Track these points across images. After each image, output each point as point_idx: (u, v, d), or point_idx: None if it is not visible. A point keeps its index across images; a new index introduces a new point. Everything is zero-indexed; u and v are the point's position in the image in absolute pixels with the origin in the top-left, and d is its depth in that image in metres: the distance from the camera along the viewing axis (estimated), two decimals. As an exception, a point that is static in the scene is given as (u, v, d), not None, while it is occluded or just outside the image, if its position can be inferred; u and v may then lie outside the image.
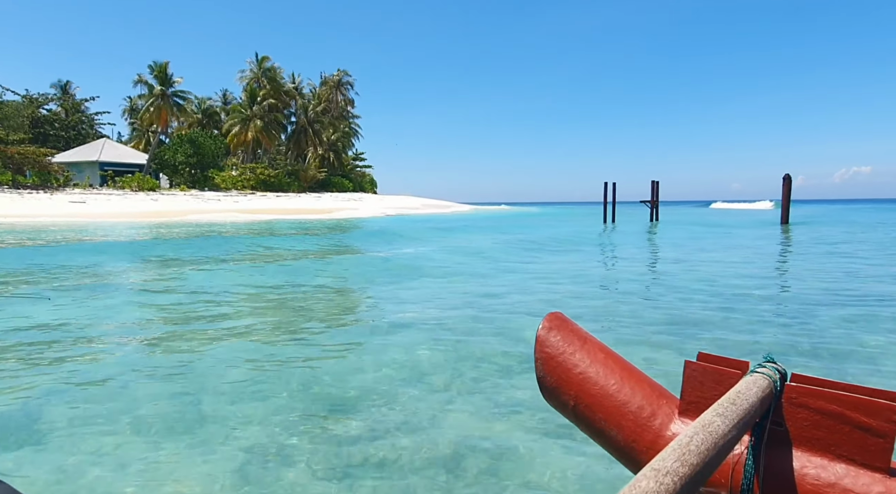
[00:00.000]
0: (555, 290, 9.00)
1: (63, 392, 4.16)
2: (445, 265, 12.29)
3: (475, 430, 3.53)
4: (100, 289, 8.96)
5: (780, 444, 1.13)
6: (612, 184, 29.64)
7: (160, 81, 50.89)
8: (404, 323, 6.44)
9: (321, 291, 9.15)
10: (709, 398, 1.20)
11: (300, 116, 65.17)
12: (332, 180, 67.81)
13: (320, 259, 13.60)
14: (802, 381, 1.14)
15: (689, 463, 0.71)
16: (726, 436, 0.84)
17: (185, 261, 12.27)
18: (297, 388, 4.27)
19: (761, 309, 7.19)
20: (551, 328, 1.42)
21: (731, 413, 0.90)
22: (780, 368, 1.17)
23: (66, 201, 34.45)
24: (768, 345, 5.44)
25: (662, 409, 1.27)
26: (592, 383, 1.33)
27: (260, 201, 45.93)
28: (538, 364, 1.41)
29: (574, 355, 1.37)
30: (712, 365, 1.24)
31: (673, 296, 8.19)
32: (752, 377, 1.12)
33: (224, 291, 8.72)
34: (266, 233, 22.63)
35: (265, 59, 61.31)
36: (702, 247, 17.13)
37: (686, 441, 0.77)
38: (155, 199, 39.43)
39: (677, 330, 6.04)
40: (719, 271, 10.96)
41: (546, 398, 1.43)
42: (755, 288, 8.73)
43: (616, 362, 1.37)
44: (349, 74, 71.90)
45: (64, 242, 16.48)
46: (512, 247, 16.88)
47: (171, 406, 3.91)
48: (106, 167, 51.33)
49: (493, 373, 4.63)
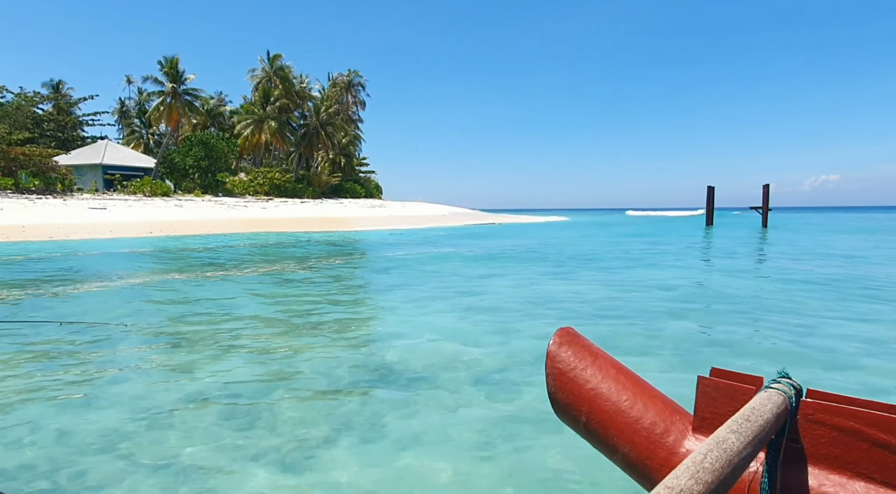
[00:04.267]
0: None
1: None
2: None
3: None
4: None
5: (796, 461, 1.10)
6: (710, 188, 27.51)
7: (171, 78, 47.03)
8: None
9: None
10: (723, 414, 1.17)
11: (312, 118, 61.73)
12: (344, 185, 64.59)
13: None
14: (818, 397, 1.11)
15: (704, 481, 0.70)
16: (741, 453, 0.83)
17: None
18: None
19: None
20: (562, 343, 1.41)
21: (745, 429, 0.89)
22: (794, 384, 1.15)
23: (84, 208, 30.73)
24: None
25: (676, 426, 1.24)
26: (604, 399, 1.30)
27: (287, 208, 42.57)
28: (549, 379, 1.39)
29: (586, 370, 1.35)
30: (726, 381, 1.21)
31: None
32: (767, 393, 1.10)
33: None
34: (399, 250, 19.70)
35: (277, 57, 57.86)
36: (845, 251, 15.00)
37: (700, 458, 0.76)
38: (179, 205, 35.84)
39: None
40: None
41: (557, 413, 1.40)
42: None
43: (628, 378, 1.35)
44: (360, 75, 68.99)
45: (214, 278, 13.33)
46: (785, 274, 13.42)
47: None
48: (109, 170, 47.30)
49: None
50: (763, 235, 26.20)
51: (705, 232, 29.63)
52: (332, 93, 66.79)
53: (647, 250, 18.37)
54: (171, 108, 47.11)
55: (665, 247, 19.73)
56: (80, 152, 46.59)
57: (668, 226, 41.32)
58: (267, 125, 53.96)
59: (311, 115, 61.78)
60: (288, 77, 57.79)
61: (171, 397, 4.05)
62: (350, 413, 3.77)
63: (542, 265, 13.59)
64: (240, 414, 3.71)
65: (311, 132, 61.90)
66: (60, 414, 3.70)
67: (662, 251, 18.21)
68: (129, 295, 8.88)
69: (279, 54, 57.96)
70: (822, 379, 4.50)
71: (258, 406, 3.87)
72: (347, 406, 3.92)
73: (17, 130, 36.92)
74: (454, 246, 20.63)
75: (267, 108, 54.64)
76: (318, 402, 4.00)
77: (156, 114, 47.99)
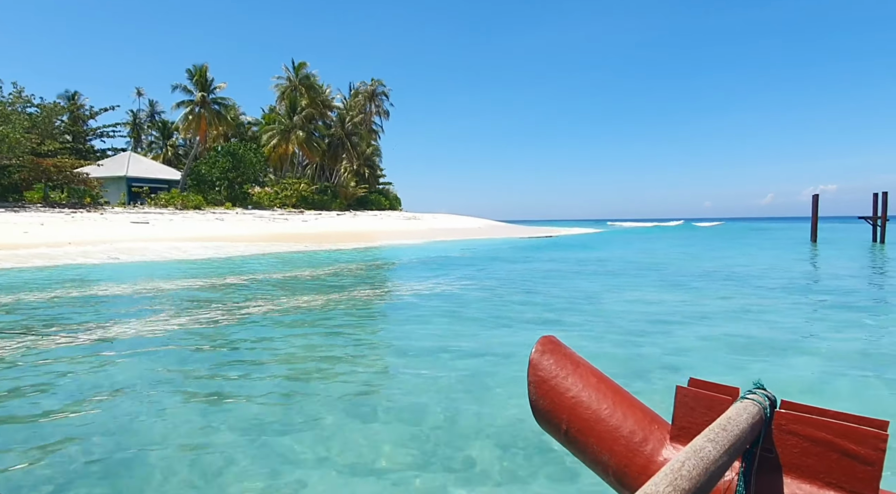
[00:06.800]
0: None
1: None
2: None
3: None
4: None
5: (770, 471, 1.12)
6: (816, 196, 25.69)
7: (200, 87, 45.09)
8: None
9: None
10: (700, 423, 1.19)
11: (336, 127, 59.83)
12: (369, 197, 62.61)
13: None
14: (791, 408, 1.13)
15: (681, 489, 0.71)
16: (717, 462, 0.84)
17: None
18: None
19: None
20: (544, 351, 1.42)
21: (722, 438, 0.90)
22: (769, 394, 1.16)
23: (125, 222, 28.58)
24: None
25: (654, 434, 1.26)
26: (584, 407, 1.32)
27: (327, 222, 40.48)
28: (531, 387, 1.40)
29: (567, 379, 1.37)
30: (703, 391, 1.22)
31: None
32: (743, 403, 1.11)
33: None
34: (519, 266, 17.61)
35: (302, 65, 56.12)
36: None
37: (678, 466, 0.76)
38: (221, 219, 33.72)
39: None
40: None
41: (539, 421, 1.42)
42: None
43: (608, 387, 1.36)
44: (384, 84, 67.26)
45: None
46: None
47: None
48: (134, 183, 45.17)
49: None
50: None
51: (812, 249, 24.34)
52: (355, 103, 65.07)
53: (767, 271, 16.32)
54: (199, 118, 45.11)
55: (786, 272, 17.68)
56: (105, 164, 44.44)
57: (757, 240, 34.47)
58: (294, 135, 52.01)
59: (335, 125, 59.93)
60: (314, 85, 56.03)
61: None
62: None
63: (680, 280, 11.58)
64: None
65: (335, 142, 60.01)
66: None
67: (800, 275, 16.13)
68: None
69: (304, 62, 56.25)
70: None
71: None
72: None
73: (49, 141, 34.75)
74: (556, 260, 18.55)
75: (294, 118, 52.73)
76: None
77: (185, 123, 45.91)
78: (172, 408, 4.11)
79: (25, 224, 25.04)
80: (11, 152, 30.18)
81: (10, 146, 29.77)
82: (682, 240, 35.51)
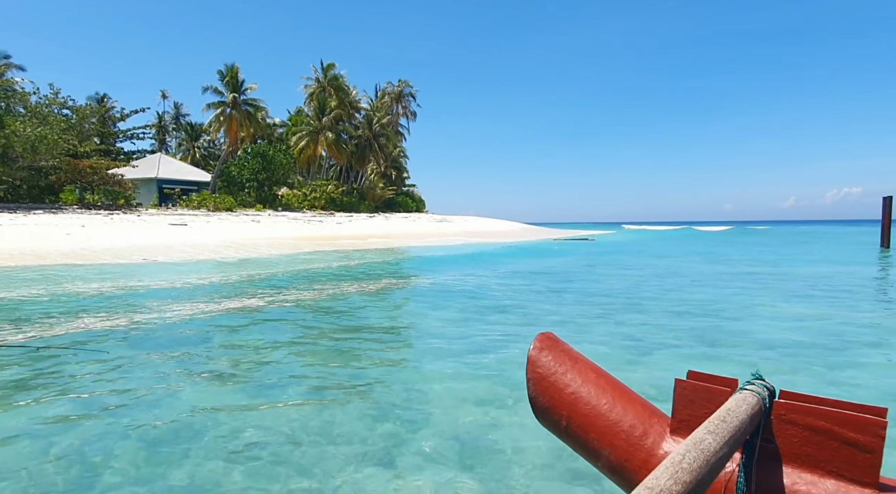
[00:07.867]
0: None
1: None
2: None
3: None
4: None
5: (770, 461, 1.11)
6: (889, 198, 24.20)
7: (231, 88, 44.59)
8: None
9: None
10: (699, 416, 1.18)
11: (364, 129, 59.13)
12: (397, 199, 61.82)
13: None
14: (790, 398, 1.12)
15: (682, 481, 0.71)
16: (718, 454, 0.84)
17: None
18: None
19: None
20: (542, 348, 1.40)
21: (721, 430, 0.90)
22: (768, 385, 1.15)
23: (163, 224, 27.96)
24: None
25: (654, 428, 1.24)
26: (584, 402, 1.30)
27: (360, 224, 39.65)
28: (530, 384, 1.38)
29: (565, 375, 1.35)
30: (702, 383, 1.20)
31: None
32: (742, 394, 1.10)
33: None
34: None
35: (331, 66, 55.57)
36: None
37: (678, 459, 0.77)
38: (256, 221, 33.01)
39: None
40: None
41: (538, 418, 1.39)
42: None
43: (607, 381, 1.34)
44: (411, 85, 66.50)
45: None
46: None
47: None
48: (165, 184, 44.84)
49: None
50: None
51: (881, 256, 21.32)
52: (382, 104, 64.38)
53: (866, 284, 14.89)
54: (230, 119, 44.60)
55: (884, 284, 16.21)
56: (136, 165, 44.17)
57: (821, 245, 31.05)
58: (324, 136, 51.37)
59: (363, 127, 59.24)
60: (342, 87, 55.40)
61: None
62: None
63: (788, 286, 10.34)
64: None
65: (363, 143, 59.31)
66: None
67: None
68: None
69: (333, 63, 55.72)
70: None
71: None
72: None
73: (86, 142, 34.41)
74: (630, 266, 17.39)
75: (323, 119, 52.10)
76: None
77: (215, 125, 45.46)
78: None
79: (66, 225, 24.49)
80: (49, 153, 29.78)
81: (48, 147, 29.38)
82: (744, 245, 34.03)
